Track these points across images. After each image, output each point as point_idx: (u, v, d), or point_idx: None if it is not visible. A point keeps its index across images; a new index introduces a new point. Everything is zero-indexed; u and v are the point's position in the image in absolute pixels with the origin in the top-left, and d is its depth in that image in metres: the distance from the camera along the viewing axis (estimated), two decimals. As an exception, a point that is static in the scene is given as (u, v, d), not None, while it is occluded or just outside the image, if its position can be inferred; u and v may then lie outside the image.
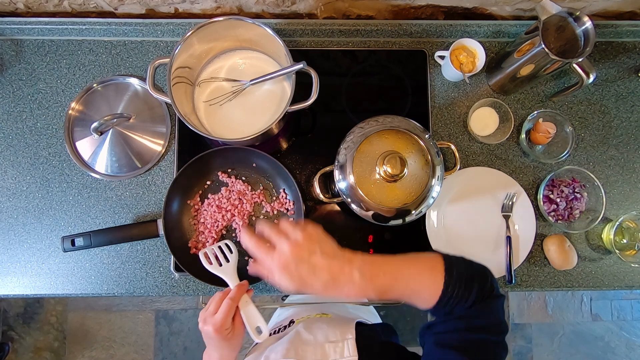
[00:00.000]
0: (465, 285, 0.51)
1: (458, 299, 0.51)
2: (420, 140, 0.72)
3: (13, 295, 0.86)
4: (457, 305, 0.51)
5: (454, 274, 0.51)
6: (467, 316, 0.51)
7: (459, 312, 0.52)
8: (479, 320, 0.51)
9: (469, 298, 0.51)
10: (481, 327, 0.51)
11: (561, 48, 0.79)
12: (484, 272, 0.55)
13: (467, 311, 0.52)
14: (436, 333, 0.52)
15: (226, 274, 0.69)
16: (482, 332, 0.51)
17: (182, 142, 0.89)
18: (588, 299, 1.92)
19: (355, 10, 0.95)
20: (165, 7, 0.93)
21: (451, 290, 0.50)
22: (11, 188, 0.88)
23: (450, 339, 0.51)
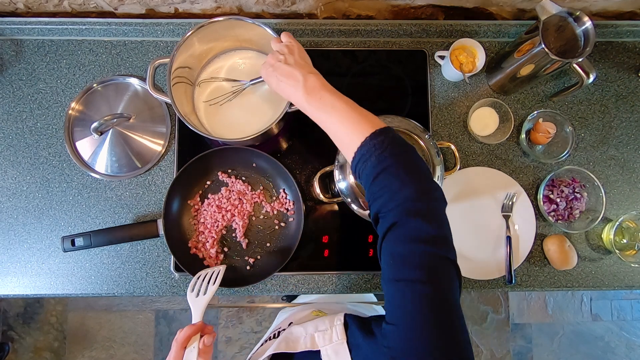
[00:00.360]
0: (381, 153, 0.51)
1: (367, 163, 0.51)
2: (420, 140, 0.72)
3: (13, 295, 0.86)
4: (365, 170, 0.52)
5: (378, 139, 0.52)
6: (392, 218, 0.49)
7: (364, 179, 0.52)
8: (409, 224, 0.48)
9: (377, 166, 0.50)
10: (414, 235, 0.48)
11: (561, 48, 0.79)
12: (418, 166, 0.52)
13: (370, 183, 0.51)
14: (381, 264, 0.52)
15: (195, 307, 0.66)
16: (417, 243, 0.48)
17: (182, 142, 0.89)
18: (588, 299, 1.92)
19: (355, 10, 0.95)
20: (165, 7, 0.93)
21: (365, 150, 0.52)
22: (11, 188, 0.88)
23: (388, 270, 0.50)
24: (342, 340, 0.56)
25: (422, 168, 0.53)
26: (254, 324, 1.83)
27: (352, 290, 0.87)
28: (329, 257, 0.87)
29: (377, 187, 0.51)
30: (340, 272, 0.87)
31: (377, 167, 0.51)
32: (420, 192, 0.49)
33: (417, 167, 0.52)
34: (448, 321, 0.46)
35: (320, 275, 0.87)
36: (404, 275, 0.48)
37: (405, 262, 0.48)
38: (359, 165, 0.53)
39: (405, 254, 0.48)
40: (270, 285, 0.87)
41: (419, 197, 0.49)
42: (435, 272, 0.47)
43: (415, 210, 0.49)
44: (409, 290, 0.47)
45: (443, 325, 0.46)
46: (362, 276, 0.88)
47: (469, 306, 1.86)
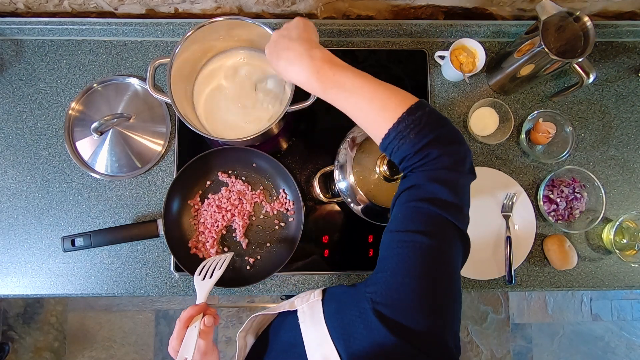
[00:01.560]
0: (421, 129, 0.47)
1: (405, 140, 0.48)
2: (420, 140, 0.72)
3: (13, 295, 0.86)
4: (402, 147, 0.48)
5: (416, 115, 0.48)
6: (414, 180, 0.48)
7: (405, 165, 0.49)
8: (427, 186, 0.47)
9: (417, 143, 0.47)
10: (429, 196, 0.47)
11: (561, 48, 0.79)
12: (454, 135, 0.50)
13: (414, 168, 0.48)
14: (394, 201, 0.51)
15: (200, 289, 0.68)
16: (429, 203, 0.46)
17: (182, 142, 0.89)
18: (588, 299, 1.92)
19: (355, 10, 0.95)
20: (165, 7, 0.93)
21: (402, 127, 0.48)
22: (11, 188, 0.88)
23: (393, 223, 0.49)
24: (318, 298, 0.56)
25: (459, 138, 0.51)
26: (254, 324, 1.83)
27: (352, 290, 0.87)
28: (329, 257, 0.87)
29: (417, 159, 0.48)
30: (340, 272, 0.87)
31: (416, 145, 0.47)
32: (453, 164, 0.48)
33: (454, 138, 0.50)
34: (440, 279, 0.45)
35: (320, 275, 0.87)
36: (407, 227, 0.47)
37: (412, 216, 0.47)
38: (394, 142, 0.49)
39: (414, 210, 0.47)
40: (270, 285, 0.87)
41: (450, 167, 0.48)
42: (439, 232, 0.46)
43: (440, 177, 0.47)
44: (407, 241, 0.46)
45: (435, 282, 0.44)
46: (362, 276, 0.88)
47: (469, 306, 1.86)
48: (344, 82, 0.52)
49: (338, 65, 0.53)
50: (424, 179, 0.48)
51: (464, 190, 0.50)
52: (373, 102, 0.50)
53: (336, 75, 0.52)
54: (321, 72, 0.53)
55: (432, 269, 0.44)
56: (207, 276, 0.70)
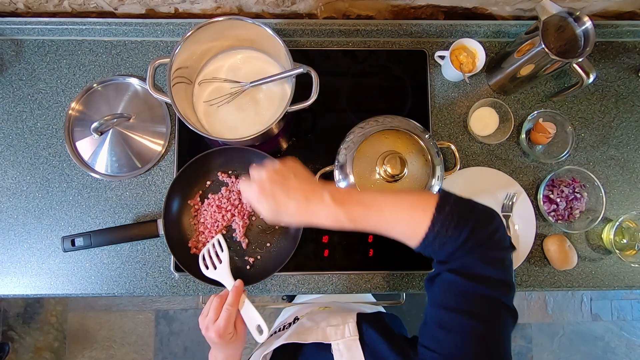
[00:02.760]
0: (457, 223, 0.46)
1: (447, 238, 0.47)
2: (420, 140, 0.72)
3: (13, 295, 0.86)
4: (445, 246, 0.47)
5: (446, 210, 0.47)
6: (461, 264, 0.47)
7: (450, 257, 0.48)
8: (477, 269, 0.47)
9: (459, 237, 0.46)
10: (480, 277, 0.46)
11: (561, 48, 0.79)
12: (488, 214, 0.49)
13: (460, 256, 0.48)
14: (432, 291, 0.50)
15: (221, 276, 0.71)
16: (481, 284, 0.46)
17: (182, 142, 0.89)
18: (588, 299, 1.92)
19: (355, 10, 0.95)
20: (165, 7, 0.93)
21: (439, 227, 0.47)
22: (11, 188, 0.88)
23: (445, 298, 0.48)
24: (354, 336, 0.56)
25: (492, 213, 0.51)
26: (254, 324, 1.83)
27: (352, 290, 0.87)
28: (329, 257, 0.87)
29: (464, 249, 0.48)
30: (340, 272, 0.87)
31: (459, 239, 0.47)
32: (497, 242, 0.48)
33: (488, 216, 0.50)
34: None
35: (320, 275, 0.87)
36: (460, 306, 0.46)
37: (464, 295, 0.47)
38: (435, 243, 0.48)
39: (466, 288, 0.47)
40: (270, 285, 0.87)
41: (496, 246, 0.48)
42: (492, 315, 0.46)
43: (490, 258, 0.47)
44: (460, 323, 0.45)
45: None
46: (362, 276, 0.88)
47: (469, 306, 1.86)
48: (367, 201, 0.51)
49: (352, 191, 0.53)
50: (474, 262, 0.47)
51: (511, 265, 0.50)
52: (400, 215, 0.50)
53: (356, 207, 0.51)
54: (344, 202, 0.51)
55: (485, 356, 0.45)
56: (215, 263, 0.73)
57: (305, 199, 0.51)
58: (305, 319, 0.66)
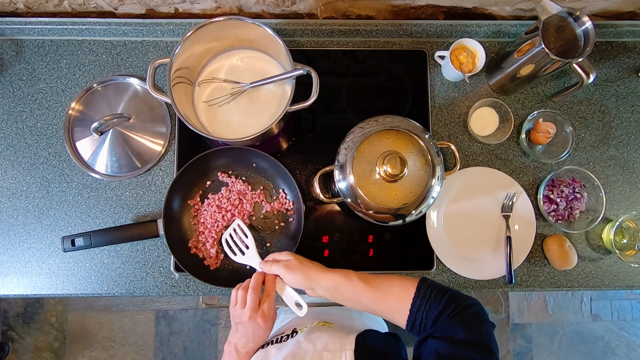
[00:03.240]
0: (437, 292, 0.56)
1: (430, 303, 0.55)
2: (420, 140, 0.72)
3: (13, 295, 0.86)
4: (430, 311, 0.55)
5: (425, 286, 0.58)
6: (444, 328, 0.53)
7: (435, 322, 0.54)
8: (459, 333, 0.51)
9: (440, 301, 0.54)
10: (462, 341, 0.50)
11: (561, 48, 0.79)
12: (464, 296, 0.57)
13: (444, 320, 0.53)
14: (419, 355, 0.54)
15: (251, 261, 0.74)
16: (464, 347, 0.50)
17: (182, 142, 0.89)
18: (588, 299, 1.92)
19: (355, 10, 0.95)
20: (165, 7, 0.93)
21: (421, 298, 0.56)
22: (11, 188, 0.88)
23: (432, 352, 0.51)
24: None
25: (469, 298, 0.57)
26: (254, 324, 1.83)
27: (352, 290, 0.87)
28: (329, 257, 0.87)
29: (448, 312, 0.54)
30: (340, 272, 0.87)
31: (441, 302, 0.55)
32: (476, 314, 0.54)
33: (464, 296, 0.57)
34: None
35: (320, 275, 0.87)
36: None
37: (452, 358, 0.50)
38: (422, 309, 0.56)
39: (450, 352, 0.50)
40: (270, 285, 0.87)
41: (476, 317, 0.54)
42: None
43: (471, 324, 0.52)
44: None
45: None
46: (362, 276, 0.88)
47: (469, 306, 1.86)
48: (349, 300, 0.64)
49: (340, 289, 0.64)
50: (455, 327, 0.52)
51: (492, 342, 0.53)
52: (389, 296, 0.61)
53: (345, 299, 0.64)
54: (335, 298, 0.65)
55: None
56: (242, 249, 0.75)
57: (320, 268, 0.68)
58: (304, 338, 0.66)
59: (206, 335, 1.82)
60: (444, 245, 0.86)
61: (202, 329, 1.82)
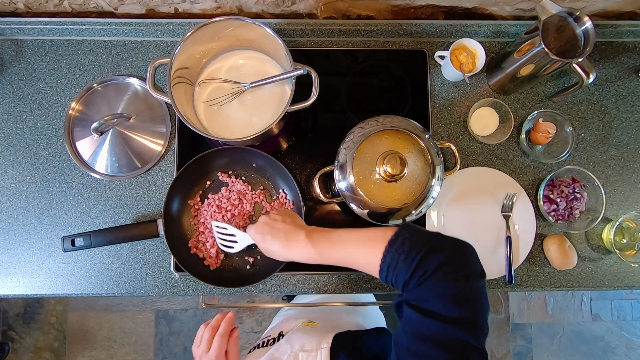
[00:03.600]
0: (408, 254, 0.48)
1: (399, 269, 0.48)
2: (420, 140, 0.72)
3: (13, 295, 0.86)
4: (399, 277, 0.48)
5: (397, 242, 0.50)
6: (416, 296, 0.46)
7: (405, 288, 0.48)
8: (431, 303, 0.45)
9: (409, 268, 0.47)
10: (435, 313, 0.44)
11: (561, 48, 0.79)
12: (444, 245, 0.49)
13: (413, 288, 0.47)
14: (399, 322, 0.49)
15: (243, 244, 0.78)
16: (438, 320, 0.44)
17: (182, 142, 0.89)
18: (588, 299, 1.92)
19: (355, 10, 0.95)
20: (165, 7, 0.93)
21: (390, 259, 0.49)
22: (11, 188, 0.88)
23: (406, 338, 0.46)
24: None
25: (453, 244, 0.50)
26: (254, 324, 1.83)
27: (352, 290, 0.87)
28: (329, 257, 0.87)
29: (415, 280, 0.47)
30: (340, 272, 0.87)
31: (409, 270, 0.48)
32: (453, 273, 0.46)
33: (447, 247, 0.49)
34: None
35: (320, 275, 0.87)
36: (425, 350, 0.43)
37: (422, 335, 0.44)
38: (390, 275, 0.50)
39: (423, 327, 0.45)
40: (270, 285, 0.87)
41: (450, 278, 0.46)
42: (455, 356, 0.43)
43: (444, 292, 0.46)
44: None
45: None
46: (362, 276, 0.88)
47: (469, 306, 1.86)
48: (334, 239, 0.59)
49: (325, 231, 0.62)
50: (427, 295, 0.46)
51: (475, 298, 0.47)
52: (360, 249, 0.55)
53: (325, 244, 0.60)
54: (315, 242, 0.61)
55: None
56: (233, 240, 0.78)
57: (286, 239, 0.63)
58: (285, 341, 0.66)
59: (206, 335, 1.82)
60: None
61: (202, 329, 1.82)
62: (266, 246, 0.67)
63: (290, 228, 0.64)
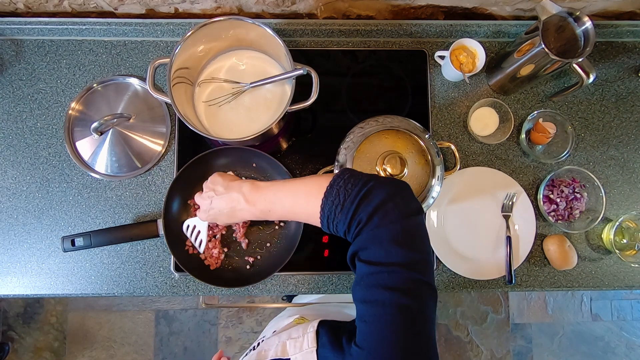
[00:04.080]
0: (343, 204, 0.48)
1: (337, 220, 0.49)
2: (420, 140, 0.72)
3: (13, 295, 0.86)
4: (338, 226, 0.50)
5: (333, 193, 0.50)
6: (358, 245, 0.48)
7: (348, 237, 0.49)
8: (373, 250, 0.46)
9: (346, 218, 0.48)
10: (378, 262, 0.45)
11: (561, 48, 0.79)
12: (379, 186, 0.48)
13: (354, 237, 0.48)
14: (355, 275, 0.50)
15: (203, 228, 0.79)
16: (385, 266, 0.44)
17: (182, 142, 0.89)
18: (588, 299, 1.92)
19: (355, 10, 0.95)
20: (165, 7, 0.93)
21: (327, 210, 0.50)
22: (11, 188, 0.88)
23: (359, 290, 0.47)
24: (312, 348, 0.54)
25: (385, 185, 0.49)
26: (254, 324, 1.83)
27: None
28: (329, 257, 0.87)
29: (353, 228, 0.49)
30: (340, 272, 0.87)
31: (346, 220, 0.48)
32: (386, 216, 0.46)
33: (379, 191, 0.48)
34: (420, 353, 0.43)
35: (320, 275, 0.87)
36: (376, 296, 0.44)
37: (371, 284, 0.45)
38: (331, 226, 0.51)
39: (372, 276, 0.46)
40: (270, 285, 0.87)
41: (386, 222, 0.46)
42: (412, 297, 0.44)
43: (379, 236, 0.46)
44: (380, 315, 0.44)
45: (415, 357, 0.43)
46: (362, 276, 0.88)
47: (469, 306, 1.86)
48: (271, 198, 0.58)
49: (261, 188, 0.61)
50: (367, 242, 0.47)
51: (415, 234, 0.47)
52: (299, 204, 0.55)
53: (266, 195, 0.59)
54: (255, 202, 0.60)
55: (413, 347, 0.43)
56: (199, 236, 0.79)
57: (231, 209, 0.63)
58: (274, 336, 0.65)
59: (206, 335, 1.82)
60: (444, 245, 0.86)
61: (202, 329, 1.82)
62: (214, 219, 0.68)
63: (228, 198, 0.63)
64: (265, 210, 0.59)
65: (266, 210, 0.59)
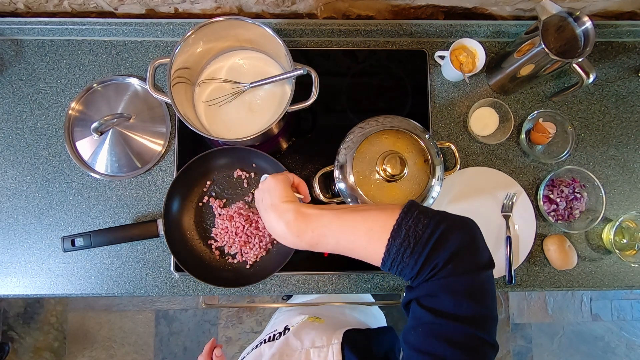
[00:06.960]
0: (414, 248, 0.43)
1: (403, 264, 0.44)
2: (420, 140, 0.72)
3: (13, 295, 0.86)
4: (404, 271, 0.45)
5: (402, 234, 0.44)
6: (425, 292, 0.44)
7: (412, 282, 0.45)
8: (442, 301, 0.42)
9: (415, 264, 0.43)
10: (446, 313, 0.42)
11: (561, 48, 0.79)
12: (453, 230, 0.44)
13: (421, 283, 0.44)
14: (408, 321, 0.46)
15: None
16: (450, 320, 0.41)
17: (182, 142, 0.89)
18: (588, 299, 1.92)
19: (355, 10, 0.95)
20: (165, 7, 0.93)
21: (394, 254, 0.44)
22: (11, 188, 0.88)
23: (417, 338, 0.43)
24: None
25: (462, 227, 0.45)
26: (254, 324, 1.83)
27: (351, 290, 0.87)
28: (329, 257, 0.87)
29: (422, 277, 0.44)
30: (340, 272, 0.87)
31: (415, 267, 0.44)
32: (461, 266, 0.43)
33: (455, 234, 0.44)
34: None
35: (320, 275, 0.87)
36: (436, 349, 0.41)
37: (434, 336, 0.42)
38: (393, 269, 0.46)
39: (434, 327, 0.42)
40: (270, 285, 0.87)
41: (460, 271, 0.43)
42: (473, 356, 0.41)
43: (454, 287, 0.42)
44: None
45: None
46: (362, 276, 0.88)
47: (469, 306, 1.86)
48: (322, 230, 0.50)
49: (309, 217, 0.51)
50: (437, 290, 0.43)
51: (487, 289, 0.44)
52: (357, 242, 0.48)
53: (312, 235, 0.51)
54: (300, 233, 0.51)
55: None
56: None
57: (270, 228, 0.54)
58: (293, 335, 0.65)
59: (206, 335, 1.82)
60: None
61: (202, 329, 1.82)
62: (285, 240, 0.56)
63: (268, 218, 0.55)
64: (312, 243, 0.51)
65: (314, 244, 0.51)
